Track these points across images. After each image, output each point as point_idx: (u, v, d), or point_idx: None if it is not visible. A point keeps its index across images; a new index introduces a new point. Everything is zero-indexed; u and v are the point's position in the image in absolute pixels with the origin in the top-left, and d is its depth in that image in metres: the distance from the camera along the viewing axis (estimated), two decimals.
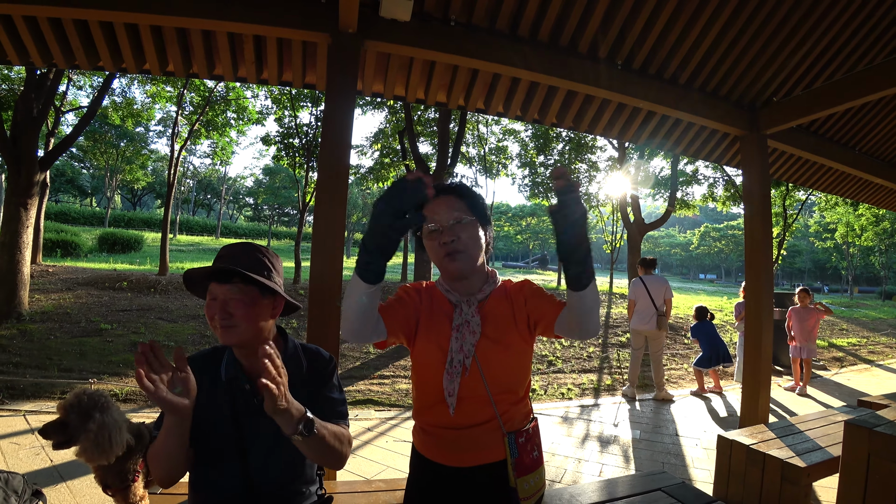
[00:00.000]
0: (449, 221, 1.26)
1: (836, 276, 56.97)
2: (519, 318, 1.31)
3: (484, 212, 1.33)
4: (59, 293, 9.06)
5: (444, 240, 1.25)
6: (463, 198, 1.31)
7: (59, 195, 41.19)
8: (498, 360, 1.28)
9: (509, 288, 1.38)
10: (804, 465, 2.52)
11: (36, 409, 4.31)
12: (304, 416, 1.09)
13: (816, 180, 5.47)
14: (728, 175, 14.58)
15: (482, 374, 1.26)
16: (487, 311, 1.32)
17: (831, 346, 11.00)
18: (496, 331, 1.30)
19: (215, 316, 1.25)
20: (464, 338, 1.28)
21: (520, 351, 1.31)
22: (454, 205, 1.29)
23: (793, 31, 3.11)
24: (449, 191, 1.33)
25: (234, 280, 1.25)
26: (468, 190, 1.35)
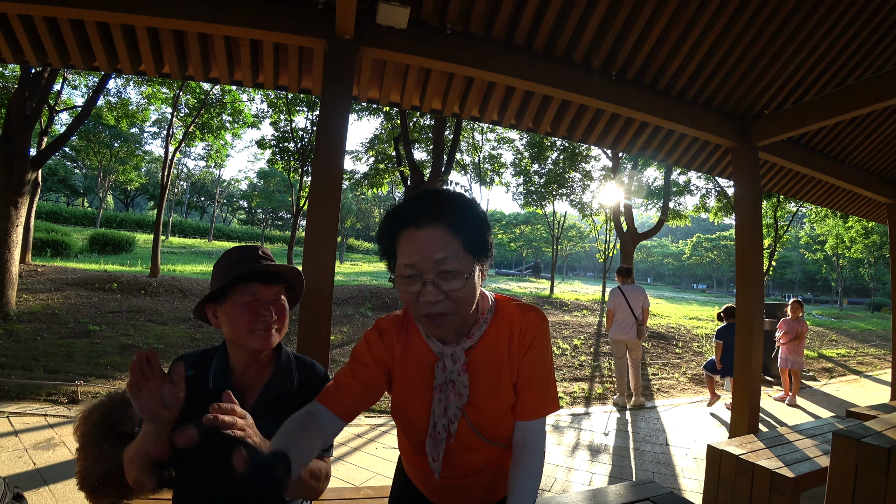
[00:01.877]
0: (432, 273, 0.91)
1: (825, 288, 57.56)
2: (511, 372, 1.08)
3: (485, 242, 0.97)
4: (47, 293, 8.96)
5: (425, 298, 0.92)
6: (456, 231, 0.92)
7: (50, 194, 40.84)
8: (492, 412, 1.08)
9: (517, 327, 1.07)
10: (793, 475, 2.53)
11: (20, 411, 4.25)
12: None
13: (807, 192, 5.54)
14: (720, 186, 14.73)
15: (474, 428, 1.09)
16: (476, 360, 1.06)
17: (821, 357, 11.08)
18: (487, 385, 1.07)
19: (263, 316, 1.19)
20: (448, 400, 1.05)
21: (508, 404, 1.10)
22: (447, 245, 0.91)
23: (784, 45, 3.16)
24: (435, 218, 0.91)
25: (277, 282, 1.24)
26: (464, 212, 0.95)
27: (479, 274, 0.98)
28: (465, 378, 1.04)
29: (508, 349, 1.06)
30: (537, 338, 1.06)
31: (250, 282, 1.20)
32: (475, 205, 0.98)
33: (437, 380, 1.06)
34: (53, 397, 4.68)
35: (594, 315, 13.48)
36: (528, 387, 1.06)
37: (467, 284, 0.92)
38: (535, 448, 1.04)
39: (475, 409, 1.06)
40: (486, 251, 0.98)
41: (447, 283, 0.91)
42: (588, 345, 9.58)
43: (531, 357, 1.06)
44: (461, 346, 1.04)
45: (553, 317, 12.48)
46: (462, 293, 0.92)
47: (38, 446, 3.54)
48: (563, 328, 10.84)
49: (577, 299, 16.75)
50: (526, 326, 1.06)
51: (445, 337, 1.02)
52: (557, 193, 17.62)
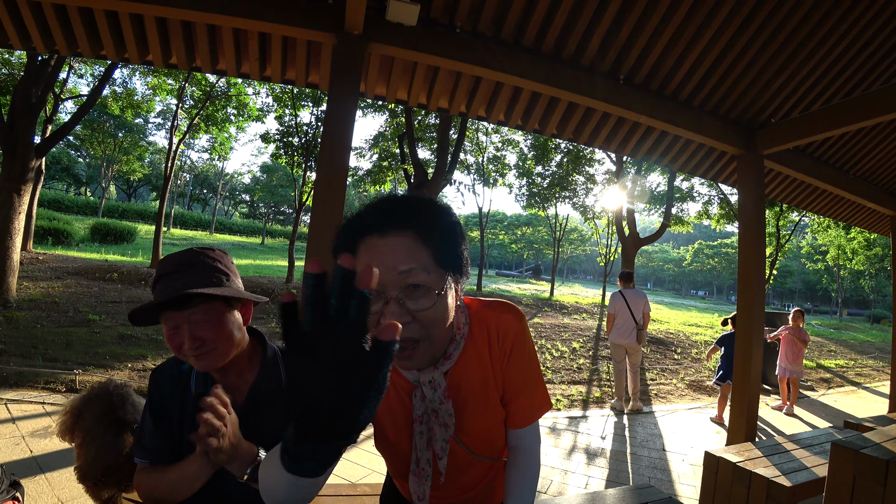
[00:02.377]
0: (396, 288, 0.75)
1: (825, 298, 57.56)
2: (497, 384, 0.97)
3: (459, 256, 0.82)
4: (48, 281, 8.97)
5: (386, 319, 0.74)
6: (427, 241, 0.77)
7: (53, 183, 40.88)
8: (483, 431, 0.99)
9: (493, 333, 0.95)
10: (789, 484, 2.53)
11: (18, 398, 4.25)
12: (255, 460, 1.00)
13: (811, 202, 5.53)
14: (723, 193, 14.71)
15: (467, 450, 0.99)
16: (459, 382, 0.94)
17: (819, 367, 11.07)
18: (475, 405, 0.96)
19: (183, 346, 1.10)
20: (432, 433, 0.92)
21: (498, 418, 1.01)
22: (415, 256, 0.76)
23: (793, 55, 3.15)
24: (402, 225, 0.77)
25: (194, 302, 1.09)
26: (436, 219, 0.80)
27: (454, 293, 0.84)
28: (448, 406, 0.91)
29: (490, 359, 0.95)
30: (517, 340, 0.95)
31: (163, 310, 1.09)
32: (449, 212, 0.84)
33: (417, 411, 0.92)
34: (51, 385, 4.69)
35: (593, 318, 13.48)
36: (519, 395, 0.98)
37: (438, 304, 0.77)
38: (530, 452, 1.01)
39: (466, 433, 0.97)
40: (461, 266, 0.83)
41: (414, 301, 0.75)
42: (587, 348, 9.57)
43: (515, 363, 0.96)
44: (439, 371, 0.90)
45: (552, 319, 12.48)
46: (431, 314, 0.77)
47: (35, 434, 3.54)
48: (563, 331, 10.83)
49: (576, 302, 16.75)
50: (504, 330, 0.94)
51: (416, 367, 0.87)
52: (560, 196, 17.61)
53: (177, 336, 1.09)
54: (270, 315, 8.74)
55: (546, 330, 10.75)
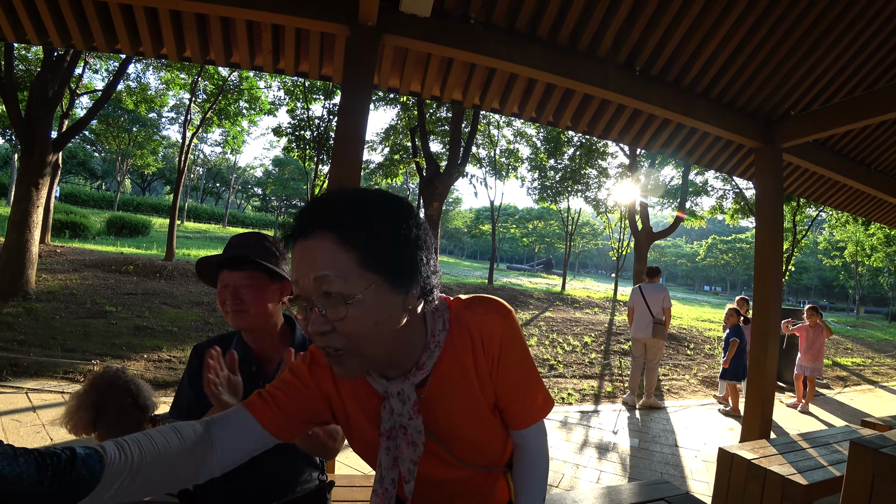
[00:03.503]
0: (315, 294, 0.70)
1: (842, 295, 56.60)
2: (485, 392, 0.88)
3: (395, 258, 0.71)
4: (65, 274, 9.13)
5: (311, 328, 0.71)
6: (348, 241, 0.68)
7: (69, 177, 41.50)
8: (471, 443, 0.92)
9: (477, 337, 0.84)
10: (806, 482, 2.49)
11: (38, 388, 4.34)
12: None
13: (830, 197, 5.42)
14: (738, 188, 14.50)
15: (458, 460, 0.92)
16: (437, 395, 0.86)
17: (835, 365, 10.91)
18: (458, 419, 0.88)
19: (227, 301, 1.31)
20: (399, 451, 0.85)
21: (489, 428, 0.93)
22: (331, 262, 0.68)
23: (814, 45, 3.08)
24: (321, 225, 0.69)
25: (244, 267, 1.31)
26: (364, 216, 0.71)
27: (399, 298, 0.73)
28: (418, 422, 0.83)
29: (475, 367, 0.85)
30: (505, 341, 0.85)
31: (221, 270, 1.34)
32: (390, 209, 0.73)
33: (385, 424, 0.85)
34: (70, 375, 4.78)
35: (605, 313, 13.40)
36: (516, 399, 0.90)
37: (352, 314, 0.68)
38: (536, 450, 0.97)
39: (454, 445, 0.90)
40: (400, 271, 0.72)
41: (329, 309, 0.68)
42: (598, 342, 9.53)
43: (506, 368, 0.86)
44: (410, 382, 0.82)
45: (564, 313, 12.43)
46: (349, 325, 0.69)
47: (54, 422, 3.61)
48: (574, 325, 10.79)
49: (588, 296, 16.67)
50: (489, 334, 0.84)
51: (352, 378, 0.80)
52: (573, 189, 17.48)
53: (224, 292, 1.32)
54: None
55: (558, 324, 10.71)
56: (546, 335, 9.61)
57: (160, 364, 5.56)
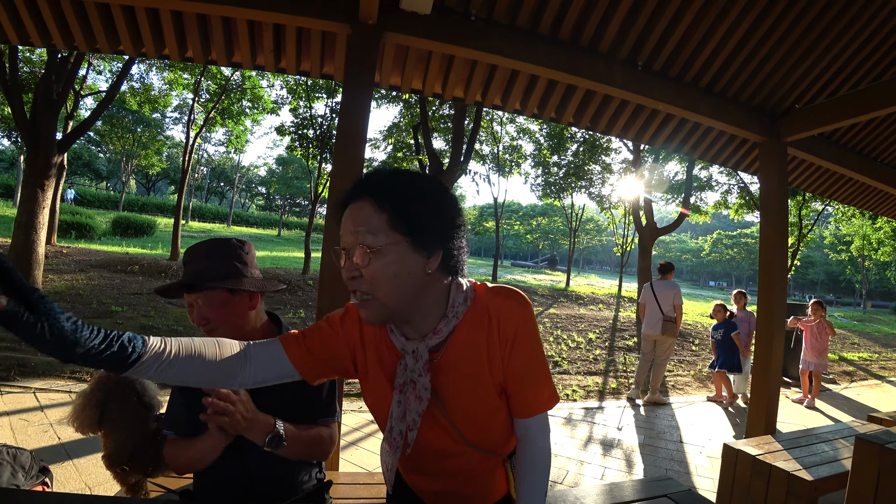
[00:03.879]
0: (352, 246, 0.86)
1: (849, 290, 56.25)
2: (494, 377, 0.96)
3: (429, 221, 0.87)
4: (72, 274, 9.19)
5: (344, 273, 0.87)
6: (382, 207, 0.85)
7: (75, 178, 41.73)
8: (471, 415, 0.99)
9: (495, 319, 0.94)
10: (811, 478, 2.48)
11: (46, 387, 4.38)
12: (273, 430, 1.16)
13: (836, 191, 5.38)
14: (743, 182, 14.41)
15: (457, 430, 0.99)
16: (449, 360, 0.95)
17: (842, 360, 10.85)
18: (459, 391, 0.96)
19: (195, 320, 1.32)
20: (407, 403, 0.94)
21: (493, 409, 0.99)
22: (367, 220, 0.85)
23: (818, 38, 3.05)
24: (362, 193, 0.88)
25: (199, 288, 1.28)
26: (394, 187, 0.88)
27: (421, 260, 0.87)
28: (426, 380, 0.92)
29: (488, 346, 0.94)
30: (520, 330, 0.94)
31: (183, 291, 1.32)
32: (417, 183, 0.89)
33: (398, 379, 0.95)
34: (77, 375, 4.82)
35: (609, 309, 13.38)
36: (522, 387, 0.97)
37: (378, 263, 0.84)
38: (537, 443, 0.99)
39: (456, 417, 0.97)
40: (422, 232, 0.86)
41: (359, 257, 0.84)
42: (603, 339, 9.51)
43: (518, 354, 0.94)
44: (425, 343, 0.93)
45: (568, 310, 12.41)
46: (373, 271, 0.84)
47: (62, 422, 3.65)
48: (579, 321, 10.77)
49: (593, 293, 16.64)
50: (506, 318, 0.93)
51: (371, 322, 0.91)
52: (576, 185, 17.43)
53: (191, 313, 1.31)
54: (288, 306, 8.85)
55: (562, 320, 10.70)
56: (550, 332, 9.60)
57: None
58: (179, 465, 1.27)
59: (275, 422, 1.18)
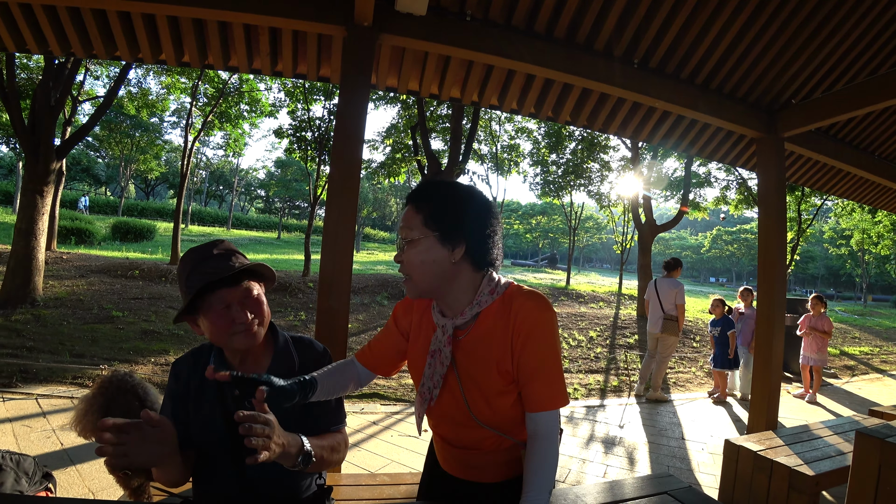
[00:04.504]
0: (400, 241, 1.12)
1: (849, 284, 56.22)
2: (501, 365, 1.10)
3: (452, 220, 1.09)
4: (72, 280, 9.19)
5: (395, 258, 1.14)
6: (420, 209, 1.10)
7: (74, 183, 41.72)
8: (480, 392, 1.13)
9: (513, 316, 1.10)
10: (812, 473, 2.49)
11: (48, 394, 4.38)
12: (302, 449, 1.11)
13: (834, 185, 5.39)
14: (742, 178, 14.41)
15: (466, 402, 1.14)
16: (467, 343, 1.14)
17: (843, 355, 10.85)
18: (473, 368, 1.13)
19: (236, 321, 1.19)
20: (435, 366, 1.16)
21: (502, 393, 1.12)
22: (408, 219, 1.11)
23: (814, 33, 3.06)
24: (409, 200, 1.14)
25: (242, 282, 1.21)
26: (431, 194, 1.12)
27: (445, 251, 1.09)
28: (447, 350, 1.13)
29: (504, 337, 1.10)
30: (535, 329, 1.08)
31: (215, 289, 1.18)
32: (450, 190, 1.13)
33: (432, 346, 1.17)
34: (79, 380, 4.82)
35: (610, 307, 13.37)
36: (532, 379, 1.08)
37: (412, 252, 1.09)
38: (545, 438, 1.07)
39: (468, 387, 1.14)
40: (449, 230, 1.08)
41: (402, 247, 1.10)
42: (604, 337, 9.51)
43: (531, 349, 1.08)
44: (452, 322, 1.14)
45: (569, 308, 12.41)
46: (407, 257, 1.09)
47: (64, 427, 3.65)
48: (579, 320, 10.77)
49: (593, 291, 16.63)
50: (523, 316, 1.08)
51: (413, 297, 1.16)
52: (575, 184, 17.41)
53: (228, 314, 1.18)
54: (288, 309, 8.86)
55: (563, 319, 10.70)
56: None
57: (167, 367, 5.60)
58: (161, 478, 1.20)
59: (302, 441, 1.12)
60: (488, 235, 1.13)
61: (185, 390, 1.28)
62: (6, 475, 1.72)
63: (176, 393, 1.29)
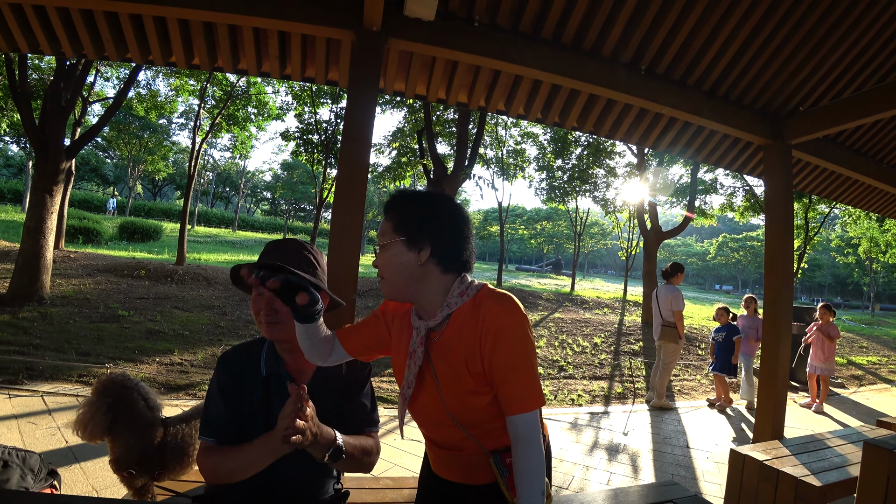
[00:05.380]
0: (374, 247, 1.22)
1: (857, 292, 55.76)
2: (471, 366, 1.12)
3: (417, 226, 1.15)
4: (79, 279, 9.26)
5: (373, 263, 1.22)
6: (390, 217, 1.18)
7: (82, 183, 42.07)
8: (453, 392, 1.15)
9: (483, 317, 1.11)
10: (819, 484, 2.46)
11: (53, 391, 4.41)
12: (334, 443, 1.15)
13: (841, 193, 5.35)
14: (748, 185, 14.34)
15: (444, 401, 1.16)
16: (440, 344, 1.18)
17: (850, 364, 10.75)
18: (447, 368, 1.16)
19: (261, 311, 1.29)
20: (411, 367, 1.19)
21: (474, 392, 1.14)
22: (382, 227, 1.19)
23: (822, 40, 3.05)
24: (384, 207, 1.21)
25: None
26: (399, 204, 1.19)
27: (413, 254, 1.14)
28: (420, 351, 1.17)
29: (472, 338, 1.12)
30: (503, 331, 1.09)
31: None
32: (415, 198, 1.19)
33: (410, 348, 1.20)
34: (84, 378, 4.85)
35: (615, 313, 13.32)
36: (504, 382, 1.09)
37: (384, 255, 1.16)
38: (527, 440, 1.07)
39: (444, 386, 1.16)
40: (417, 234, 1.14)
41: (375, 253, 1.19)
42: (608, 343, 9.47)
43: (500, 351, 1.08)
44: (425, 323, 1.18)
45: (573, 314, 12.37)
46: (380, 261, 1.17)
47: (69, 425, 3.67)
48: (584, 326, 10.74)
49: (598, 297, 16.58)
50: (490, 319, 1.10)
51: (388, 298, 1.23)
52: (580, 189, 17.39)
53: (258, 301, 1.30)
54: None
55: (567, 325, 10.67)
56: (555, 336, 9.57)
57: (172, 367, 5.62)
58: (219, 474, 1.22)
59: (336, 435, 1.16)
60: (454, 239, 1.17)
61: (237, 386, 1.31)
62: (12, 472, 1.73)
63: (227, 386, 1.31)
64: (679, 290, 5.88)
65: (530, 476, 1.06)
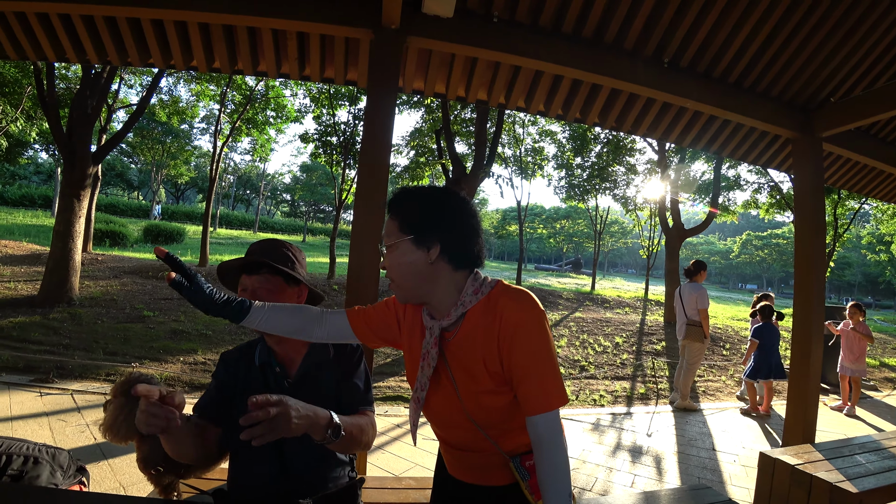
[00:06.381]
0: (382, 248, 1.16)
1: (888, 291, 53.94)
2: (489, 365, 1.09)
3: (424, 223, 1.11)
4: (106, 280, 9.49)
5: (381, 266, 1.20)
6: (395, 217, 1.14)
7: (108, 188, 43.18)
8: (470, 392, 1.12)
9: (499, 315, 1.08)
10: (856, 490, 2.36)
11: (82, 389, 4.52)
12: (331, 422, 1.15)
13: (875, 188, 5.16)
14: (773, 181, 13.98)
15: (462, 402, 1.13)
16: (455, 344, 1.15)
17: (883, 366, 10.39)
18: (463, 368, 1.13)
19: None
20: (425, 369, 1.16)
21: (492, 392, 1.11)
22: (387, 227, 1.15)
23: (853, 27, 2.93)
24: (388, 207, 1.17)
25: (262, 271, 1.40)
26: (403, 201, 1.15)
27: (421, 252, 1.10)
28: (434, 352, 1.13)
29: (489, 337, 1.08)
30: (520, 329, 1.05)
31: (241, 274, 1.43)
32: (420, 194, 1.14)
33: (423, 349, 1.17)
34: (112, 377, 4.96)
35: (636, 313, 13.13)
36: (523, 380, 1.06)
37: (392, 256, 1.11)
38: (549, 442, 1.04)
39: (462, 387, 1.13)
40: (425, 232, 1.09)
41: (383, 255, 1.15)
42: (630, 343, 9.33)
43: (518, 349, 1.05)
44: (438, 323, 1.14)
45: (594, 314, 12.23)
46: (389, 262, 1.13)
47: (98, 422, 3.75)
48: (605, 325, 10.60)
49: (618, 296, 16.37)
50: (507, 317, 1.06)
51: (401, 301, 1.20)
52: (600, 187, 17.19)
53: (243, 295, 1.36)
54: None
55: (588, 325, 10.54)
56: (576, 336, 9.47)
57: (196, 367, 5.71)
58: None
59: (331, 414, 1.16)
60: (464, 234, 1.13)
61: (232, 380, 1.43)
62: (42, 468, 1.77)
63: (222, 378, 1.45)
64: (703, 287, 5.74)
65: (556, 479, 1.02)
